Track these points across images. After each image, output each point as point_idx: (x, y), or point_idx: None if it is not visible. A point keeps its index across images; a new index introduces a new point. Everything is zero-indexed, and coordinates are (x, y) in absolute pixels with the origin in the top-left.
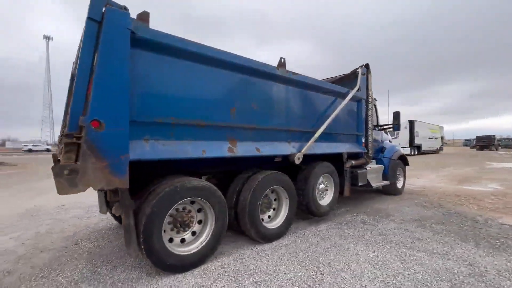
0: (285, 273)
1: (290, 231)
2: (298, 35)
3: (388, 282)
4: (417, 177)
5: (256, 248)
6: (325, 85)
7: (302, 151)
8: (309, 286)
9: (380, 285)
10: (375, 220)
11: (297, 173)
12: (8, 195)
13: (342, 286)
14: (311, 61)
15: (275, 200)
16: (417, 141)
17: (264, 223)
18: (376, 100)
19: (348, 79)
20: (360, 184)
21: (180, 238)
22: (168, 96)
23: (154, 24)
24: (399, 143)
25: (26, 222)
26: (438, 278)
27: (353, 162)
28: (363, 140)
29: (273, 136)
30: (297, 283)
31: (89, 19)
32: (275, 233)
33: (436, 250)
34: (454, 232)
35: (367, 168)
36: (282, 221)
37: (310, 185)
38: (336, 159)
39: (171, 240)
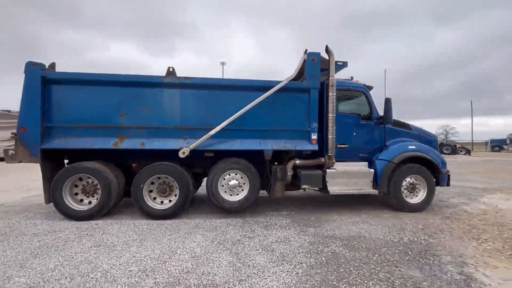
0: (87, 235)
1: (189, 217)
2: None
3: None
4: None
5: (135, 221)
6: (230, 83)
7: (190, 147)
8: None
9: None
10: (286, 227)
11: None
12: None
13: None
14: None
15: (177, 187)
16: None
17: (152, 204)
18: (371, 88)
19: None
20: (304, 186)
21: (88, 201)
22: (71, 110)
23: (317, 28)
24: None
25: None
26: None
27: (298, 161)
28: (314, 137)
29: (167, 133)
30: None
31: (24, 73)
32: (162, 214)
33: (239, 260)
34: (333, 257)
35: (328, 170)
36: (171, 205)
37: (210, 179)
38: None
39: (81, 200)
